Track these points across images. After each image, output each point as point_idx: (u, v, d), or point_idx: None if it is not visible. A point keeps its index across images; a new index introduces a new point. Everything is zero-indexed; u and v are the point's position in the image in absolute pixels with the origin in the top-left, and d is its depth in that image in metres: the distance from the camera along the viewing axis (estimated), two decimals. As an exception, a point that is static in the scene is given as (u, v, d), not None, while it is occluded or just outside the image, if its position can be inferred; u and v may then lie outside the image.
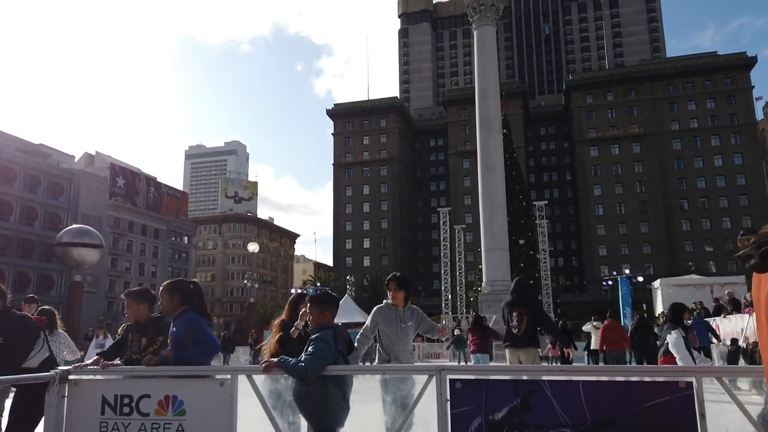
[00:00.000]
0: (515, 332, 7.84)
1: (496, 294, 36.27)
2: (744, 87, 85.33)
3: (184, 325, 3.83)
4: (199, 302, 4.04)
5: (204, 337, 3.82)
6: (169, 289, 4.05)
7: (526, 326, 7.75)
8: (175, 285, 4.10)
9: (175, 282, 4.17)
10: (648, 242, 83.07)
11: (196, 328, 3.83)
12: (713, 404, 3.40)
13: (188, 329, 3.81)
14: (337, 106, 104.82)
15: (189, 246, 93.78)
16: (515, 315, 7.85)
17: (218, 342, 3.86)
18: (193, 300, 4.01)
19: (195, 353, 3.76)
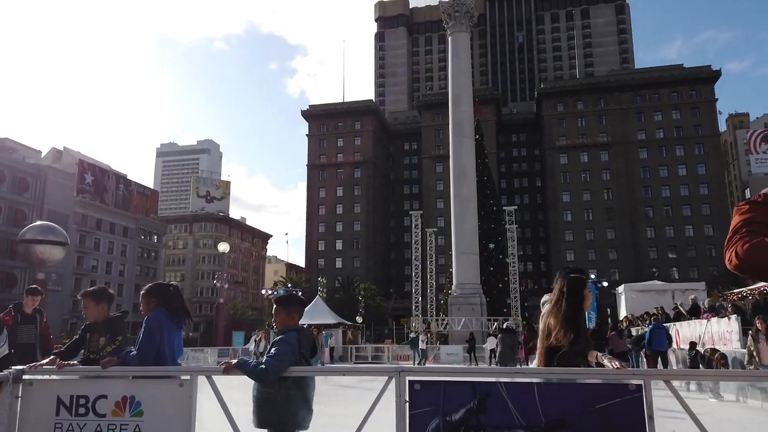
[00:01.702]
0: None
1: (466, 297, 36.66)
2: (708, 99, 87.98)
3: (143, 326, 3.81)
4: (175, 304, 4.00)
5: (142, 343, 3.70)
6: (146, 292, 4.02)
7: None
8: (152, 288, 4.07)
9: (153, 285, 4.13)
10: (614, 248, 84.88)
11: (144, 331, 3.77)
12: (661, 406, 3.51)
13: (143, 330, 3.78)
14: (312, 108, 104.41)
15: (158, 245, 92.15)
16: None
17: (148, 358, 3.70)
18: (170, 302, 3.98)
19: (130, 358, 3.70)
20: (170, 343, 3.85)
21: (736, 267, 1.51)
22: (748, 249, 1.49)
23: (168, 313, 3.91)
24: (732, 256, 1.51)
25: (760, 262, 1.46)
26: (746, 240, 1.51)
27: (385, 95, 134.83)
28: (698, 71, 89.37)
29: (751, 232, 1.51)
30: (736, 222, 1.57)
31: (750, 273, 1.51)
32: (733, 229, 1.56)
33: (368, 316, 61.76)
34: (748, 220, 1.55)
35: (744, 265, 1.49)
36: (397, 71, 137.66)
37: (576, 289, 4.04)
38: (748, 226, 1.54)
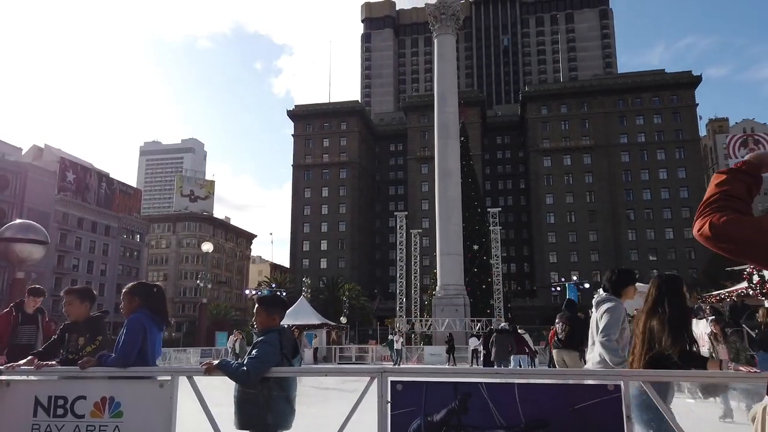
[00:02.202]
0: (560, 337, 9.70)
1: (450, 298, 36.78)
2: (689, 104, 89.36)
3: (124, 326, 3.77)
4: (158, 306, 3.97)
5: (123, 344, 3.65)
6: (129, 291, 3.97)
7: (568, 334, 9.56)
8: (135, 288, 4.03)
9: (136, 285, 4.08)
10: (596, 250, 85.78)
11: (124, 333, 3.73)
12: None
13: (124, 331, 3.74)
14: (297, 108, 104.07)
15: (141, 244, 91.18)
16: (560, 324, 9.77)
17: (129, 358, 3.64)
18: (152, 303, 3.94)
19: (109, 359, 3.65)
20: (152, 344, 3.82)
21: (707, 238, 1.49)
22: (725, 222, 1.47)
23: (151, 314, 3.87)
24: (706, 227, 1.49)
25: (736, 237, 1.45)
26: (723, 213, 1.49)
27: (371, 96, 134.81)
28: (679, 76, 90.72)
29: (726, 207, 1.50)
30: (713, 191, 1.56)
31: (721, 246, 1.49)
32: (708, 199, 1.55)
33: (352, 317, 61.67)
34: (724, 192, 1.54)
35: (719, 237, 1.47)
36: (384, 72, 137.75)
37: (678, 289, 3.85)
38: (723, 200, 1.52)
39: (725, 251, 1.50)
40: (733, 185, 1.57)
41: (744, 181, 1.57)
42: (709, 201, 1.56)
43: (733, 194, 1.54)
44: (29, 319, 6.39)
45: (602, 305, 4.51)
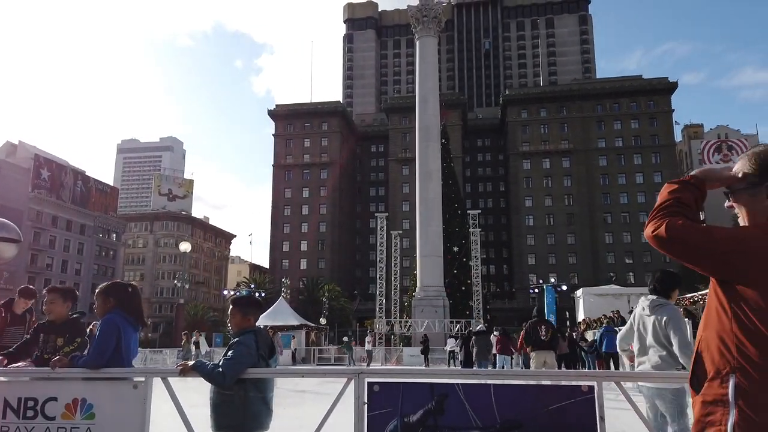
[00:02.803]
0: (543, 339, 10.82)
1: (429, 299, 36.92)
2: (665, 110, 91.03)
3: (98, 328, 3.71)
4: (133, 306, 3.91)
5: (96, 346, 3.59)
6: (104, 291, 3.91)
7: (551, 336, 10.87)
8: (110, 288, 3.96)
9: (111, 285, 4.02)
10: (573, 253, 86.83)
11: (99, 333, 3.67)
12: (613, 408, 3.62)
13: (98, 332, 3.69)
14: (278, 107, 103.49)
15: (117, 243, 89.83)
16: (543, 328, 10.90)
17: (101, 360, 3.57)
18: (127, 304, 3.88)
19: (80, 361, 3.59)
20: (127, 345, 3.77)
21: (662, 238, 1.57)
22: (681, 225, 1.56)
23: (125, 315, 3.82)
24: (662, 228, 1.57)
25: (690, 241, 1.55)
26: (678, 217, 1.58)
27: (353, 97, 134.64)
28: (656, 82, 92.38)
29: (679, 213, 1.60)
30: (666, 198, 1.66)
31: (674, 248, 1.58)
32: (662, 204, 1.65)
33: (332, 318, 61.50)
34: (677, 199, 1.64)
35: (674, 239, 1.56)
36: (366, 73, 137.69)
37: None
38: (677, 206, 1.62)
39: (675, 253, 1.59)
40: (684, 194, 1.67)
41: (691, 192, 1.67)
42: (663, 206, 1.65)
43: (685, 202, 1.64)
44: (17, 320, 6.23)
45: (662, 309, 4.67)
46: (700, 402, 1.58)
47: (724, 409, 1.49)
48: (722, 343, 1.55)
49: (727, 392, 1.49)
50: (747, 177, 1.67)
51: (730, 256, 1.52)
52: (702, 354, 1.63)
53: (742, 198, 1.69)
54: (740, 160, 1.74)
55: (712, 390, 1.54)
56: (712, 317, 1.61)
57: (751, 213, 1.67)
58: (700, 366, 1.63)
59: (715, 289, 1.61)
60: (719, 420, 1.49)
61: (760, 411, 1.43)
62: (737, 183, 1.69)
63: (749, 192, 1.67)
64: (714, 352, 1.58)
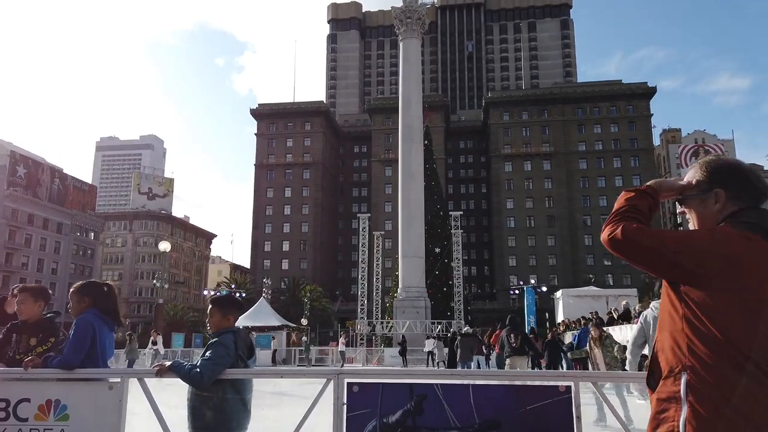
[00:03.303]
0: (514, 346, 12.45)
1: (411, 300, 37.01)
2: (644, 114, 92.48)
3: (72, 328, 3.65)
4: (108, 306, 3.84)
5: (70, 347, 3.52)
6: (78, 290, 3.84)
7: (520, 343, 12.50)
8: (85, 287, 3.89)
9: (86, 284, 3.95)
10: (553, 254, 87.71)
11: (73, 334, 3.61)
12: (589, 407, 3.67)
13: (72, 333, 3.62)
14: (261, 106, 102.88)
15: (95, 242, 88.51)
16: (512, 336, 12.56)
17: (76, 360, 3.50)
18: (103, 303, 3.81)
19: (54, 361, 3.52)
20: (102, 345, 3.71)
21: (618, 241, 1.66)
22: (636, 228, 1.66)
23: (101, 315, 3.76)
24: (618, 231, 1.67)
25: (643, 244, 1.63)
26: (633, 222, 1.69)
27: (336, 97, 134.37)
28: (635, 87, 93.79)
29: (635, 218, 1.70)
30: (623, 204, 1.77)
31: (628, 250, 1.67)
32: (619, 209, 1.75)
33: (313, 319, 61.29)
34: (633, 206, 1.74)
35: (628, 242, 1.65)
36: (349, 74, 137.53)
37: None
38: (632, 212, 1.72)
39: (629, 255, 1.68)
40: (640, 202, 1.77)
41: (646, 200, 1.78)
42: (619, 211, 1.75)
43: (640, 209, 1.74)
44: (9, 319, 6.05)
45: None
46: (655, 399, 1.65)
47: (677, 406, 1.56)
48: (675, 342, 1.62)
49: (680, 389, 1.56)
50: (698, 184, 1.79)
51: (679, 257, 1.60)
52: (658, 354, 1.70)
53: (692, 204, 1.82)
54: (691, 169, 1.86)
55: (666, 388, 1.61)
56: (666, 319, 1.69)
57: (700, 217, 1.80)
58: (656, 365, 1.70)
59: (667, 291, 1.69)
60: (672, 416, 1.56)
61: (709, 407, 1.50)
62: (689, 190, 1.81)
63: (699, 198, 1.79)
64: (668, 351, 1.64)
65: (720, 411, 1.49)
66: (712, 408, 1.49)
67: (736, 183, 1.74)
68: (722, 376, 1.51)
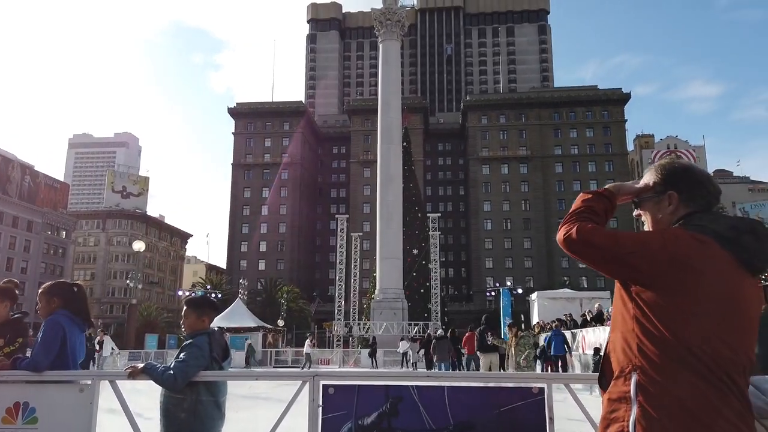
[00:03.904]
0: (489, 344, 14.18)
1: (388, 301, 37.05)
2: (618, 120, 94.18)
3: (42, 329, 3.57)
4: (79, 306, 3.77)
5: (38, 349, 3.42)
6: (47, 291, 3.75)
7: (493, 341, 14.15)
8: (54, 287, 3.81)
9: (55, 284, 3.86)
10: (529, 257, 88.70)
11: (42, 336, 3.53)
12: (562, 409, 3.72)
13: (41, 334, 3.54)
14: (239, 105, 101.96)
15: (67, 241, 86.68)
16: (489, 334, 14.30)
17: (44, 362, 3.41)
18: (73, 304, 3.74)
19: (22, 363, 3.42)
20: (73, 346, 3.64)
21: (573, 240, 1.69)
22: (591, 229, 1.68)
23: (71, 315, 3.69)
24: (573, 231, 1.69)
25: (597, 243, 1.65)
26: (588, 222, 1.72)
27: (315, 98, 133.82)
28: (611, 93, 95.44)
29: (590, 219, 1.72)
30: (579, 205, 1.79)
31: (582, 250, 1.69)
32: (576, 210, 1.78)
33: (290, 320, 60.93)
34: (589, 208, 1.77)
35: (583, 242, 1.67)
36: (328, 74, 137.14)
37: None
38: (588, 213, 1.75)
39: (583, 255, 1.70)
40: (596, 204, 1.80)
41: (603, 203, 1.81)
42: (576, 212, 1.78)
43: (596, 211, 1.78)
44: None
45: None
46: (606, 399, 1.67)
47: (627, 406, 1.58)
48: (626, 343, 1.64)
49: (630, 390, 1.58)
50: (654, 186, 1.83)
51: (631, 257, 1.62)
52: (610, 355, 1.73)
53: (647, 206, 1.85)
54: (647, 172, 1.89)
55: (617, 388, 1.63)
56: (618, 320, 1.71)
57: (654, 219, 1.84)
58: (607, 366, 1.72)
59: (619, 292, 1.72)
60: (622, 416, 1.57)
61: (658, 407, 1.52)
62: (645, 193, 1.85)
63: (654, 200, 1.83)
64: (619, 352, 1.67)
65: (669, 411, 1.50)
66: (661, 408, 1.51)
67: (689, 186, 1.78)
68: (671, 376, 1.53)
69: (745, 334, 1.61)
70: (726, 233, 1.64)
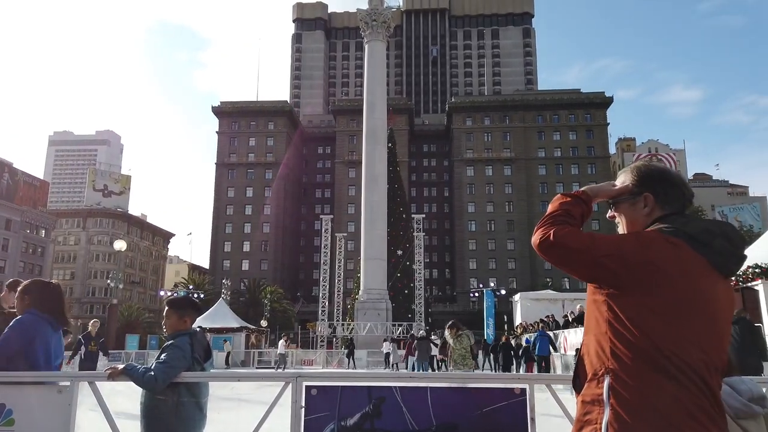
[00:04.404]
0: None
1: (373, 302, 37.02)
2: (601, 123, 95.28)
3: (8, 329, 3.49)
4: (53, 305, 3.70)
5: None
6: (21, 290, 3.69)
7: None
8: (26, 285, 3.74)
9: (27, 282, 3.80)
10: (513, 258, 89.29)
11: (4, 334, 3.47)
12: (543, 409, 3.75)
13: (4, 334, 3.47)
14: (223, 104, 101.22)
15: (46, 240, 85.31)
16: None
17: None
18: (46, 303, 3.67)
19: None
20: (46, 347, 3.56)
21: (549, 243, 1.67)
22: (567, 232, 1.68)
23: (42, 314, 3.61)
24: (548, 235, 1.68)
25: (573, 246, 1.65)
26: (564, 226, 1.71)
27: (301, 97, 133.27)
28: (594, 96, 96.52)
29: (566, 222, 1.72)
30: (556, 208, 1.79)
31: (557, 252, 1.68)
32: (552, 213, 1.77)
33: (273, 321, 60.59)
34: (566, 211, 1.76)
35: (558, 244, 1.66)
36: (314, 74, 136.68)
37: None
38: (564, 216, 1.74)
39: (559, 258, 1.70)
40: (573, 207, 1.80)
41: (580, 206, 1.81)
42: (552, 215, 1.77)
43: (572, 214, 1.77)
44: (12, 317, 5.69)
45: None
46: (580, 402, 1.68)
47: (600, 409, 1.59)
48: (599, 346, 1.65)
49: (602, 392, 1.59)
50: (629, 189, 1.84)
51: (606, 260, 1.62)
52: (583, 357, 1.73)
53: (622, 208, 1.86)
54: (622, 174, 1.91)
55: (590, 390, 1.64)
56: (591, 322, 1.71)
57: (629, 221, 1.85)
58: (581, 368, 1.72)
59: (592, 295, 1.72)
60: (595, 419, 1.58)
61: (630, 410, 1.53)
62: (620, 195, 1.86)
63: (629, 202, 1.84)
64: (592, 355, 1.67)
65: (641, 413, 1.52)
66: (633, 410, 1.52)
67: (664, 188, 1.80)
68: (643, 378, 1.54)
69: (717, 336, 1.62)
70: (699, 236, 1.66)
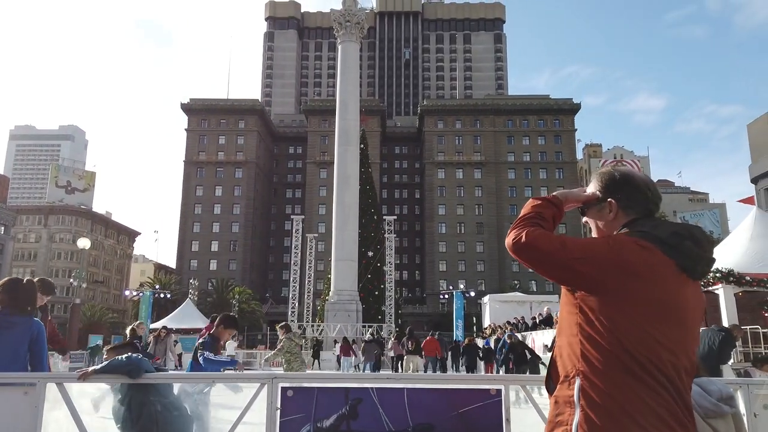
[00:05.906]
0: (411, 348, 19.16)
1: (342, 303, 36.88)
2: (569, 129, 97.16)
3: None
4: (21, 303, 3.58)
5: None
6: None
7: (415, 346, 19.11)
8: (6, 284, 3.63)
9: (7, 281, 3.70)
10: (482, 260, 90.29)
11: None
12: (518, 410, 3.79)
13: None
14: (193, 101, 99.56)
15: (6, 237, 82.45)
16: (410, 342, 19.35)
17: None
18: (19, 301, 3.55)
19: None
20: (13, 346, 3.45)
21: (522, 245, 1.71)
22: (539, 234, 1.71)
23: (6, 313, 3.49)
24: (521, 237, 1.71)
25: (544, 249, 1.68)
26: (536, 228, 1.74)
27: (272, 96, 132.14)
28: (562, 103, 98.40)
29: (538, 225, 1.75)
30: (528, 210, 1.83)
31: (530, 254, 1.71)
32: (525, 216, 1.81)
33: (242, 321, 59.86)
34: (538, 213, 1.80)
35: (530, 246, 1.69)
36: (286, 74, 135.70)
37: None
38: (537, 219, 1.78)
39: (531, 259, 1.72)
40: (545, 210, 1.83)
41: (552, 210, 1.85)
42: (525, 217, 1.80)
43: (544, 216, 1.81)
44: None
45: None
46: (553, 403, 1.71)
47: (571, 410, 1.61)
48: (570, 348, 1.68)
49: (573, 394, 1.62)
50: (596, 196, 1.89)
51: (578, 263, 1.65)
52: (556, 359, 1.76)
53: (592, 213, 1.91)
54: (592, 180, 1.95)
55: (562, 392, 1.67)
56: (563, 325, 1.75)
57: (598, 227, 1.89)
58: (554, 370, 1.75)
59: (565, 297, 1.75)
60: (567, 420, 1.61)
61: (600, 411, 1.56)
62: (590, 201, 1.90)
63: (598, 207, 1.88)
64: (564, 357, 1.70)
65: (610, 415, 1.54)
66: (603, 412, 1.55)
67: (628, 193, 1.83)
68: (613, 380, 1.57)
69: (687, 339, 1.66)
70: (668, 240, 1.69)
